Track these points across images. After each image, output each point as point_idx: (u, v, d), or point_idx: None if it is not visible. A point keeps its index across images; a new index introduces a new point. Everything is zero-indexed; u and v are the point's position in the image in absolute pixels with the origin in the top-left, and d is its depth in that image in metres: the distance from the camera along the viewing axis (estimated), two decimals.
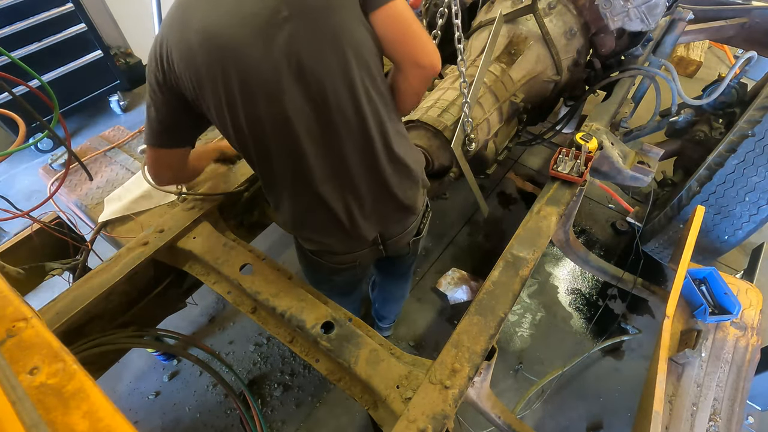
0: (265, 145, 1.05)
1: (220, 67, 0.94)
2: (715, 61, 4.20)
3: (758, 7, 2.26)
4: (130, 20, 3.64)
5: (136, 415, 2.04)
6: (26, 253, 1.52)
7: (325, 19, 0.95)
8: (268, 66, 0.94)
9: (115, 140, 1.86)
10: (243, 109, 0.98)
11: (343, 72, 0.98)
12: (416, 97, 1.17)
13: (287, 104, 0.98)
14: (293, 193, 1.13)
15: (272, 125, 1.00)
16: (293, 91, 0.97)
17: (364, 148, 1.08)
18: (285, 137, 1.02)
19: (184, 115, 1.06)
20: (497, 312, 1.21)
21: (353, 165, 1.09)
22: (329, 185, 1.10)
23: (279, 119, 0.99)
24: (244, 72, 0.94)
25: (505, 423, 1.26)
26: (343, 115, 1.02)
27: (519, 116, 1.94)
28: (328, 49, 0.96)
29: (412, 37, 1.03)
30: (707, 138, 2.19)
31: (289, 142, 1.03)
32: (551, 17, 1.83)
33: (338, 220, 1.15)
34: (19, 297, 0.67)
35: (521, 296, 2.42)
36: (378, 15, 1.00)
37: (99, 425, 0.54)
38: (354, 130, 1.04)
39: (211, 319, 2.37)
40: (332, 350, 1.13)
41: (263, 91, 0.96)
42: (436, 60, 1.06)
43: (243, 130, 1.02)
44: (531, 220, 1.49)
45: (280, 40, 0.93)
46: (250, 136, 1.03)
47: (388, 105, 1.10)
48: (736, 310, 1.41)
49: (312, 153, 1.04)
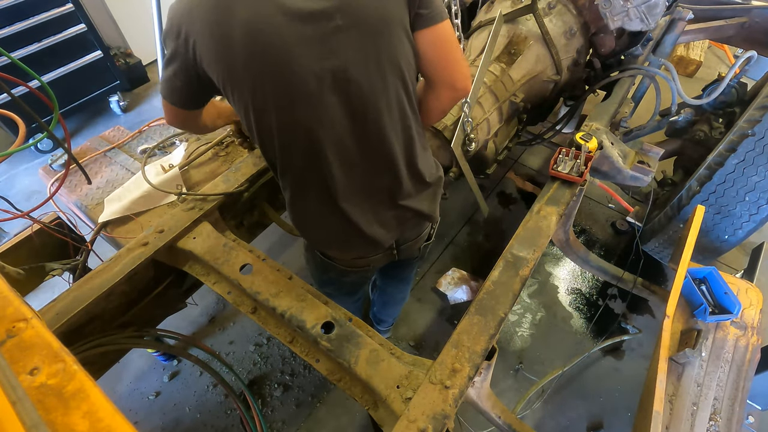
0: (291, 151, 1.03)
1: (259, 67, 0.90)
2: (715, 61, 4.20)
3: (758, 6, 2.26)
4: (130, 20, 3.64)
5: (136, 416, 2.04)
6: (26, 254, 1.52)
7: (378, 34, 0.93)
8: (313, 75, 0.91)
9: (114, 141, 1.86)
10: (275, 112, 0.96)
11: (385, 88, 0.97)
12: (442, 115, 1.18)
13: (324, 115, 0.96)
14: (313, 199, 1.12)
15: (304, 133, 0.99)
16: (333, 102, 0.95)
17: (391, 164, 1.07)
18: (315, 147, 1.00)
19: (202, 88, 1.03)
20: (497, 312, 1.21)
21: (377, 178, 1.09)
22: (352, 196, 1.09)
23: (312, 128, 0.98)
24: (285, 76, 0.91)
25: (505, 423, 1.26)
26: (378, 130, 1.01)
27: (519, 116, 1.94)
28: (375, 64, 0.95)
29: (454, 61, 1.04)
30: (707, 137, 2.19)
31: (319, 152, 1.01)
32: (551, 17, 1.83)
33: (357, 229, 1.14)
34: (19, 297, 0.67)
35: (521, 296, 2.42)
36: (425, 34, 0.99)
37: (99, 425, 0.54)
38: (385, 144, 1.04)
39: (211, 319, 2.37)
40: (332, 350, 1.13)
41: (302, 99, 0.94)
42: (469, 84, 1.09)
43: (271, 131, 1.00)
44: (531, 219, 1.49)
45: (329, 49, 0.90)
46: (277, 138, 1.01)
47: (418, 121, 1.11)
48: (736, 310, 1.41)
49: (338, 165, 1.03)
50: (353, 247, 1.24)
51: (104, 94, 3.44)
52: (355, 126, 1.00)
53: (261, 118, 0.99)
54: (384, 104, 0.99)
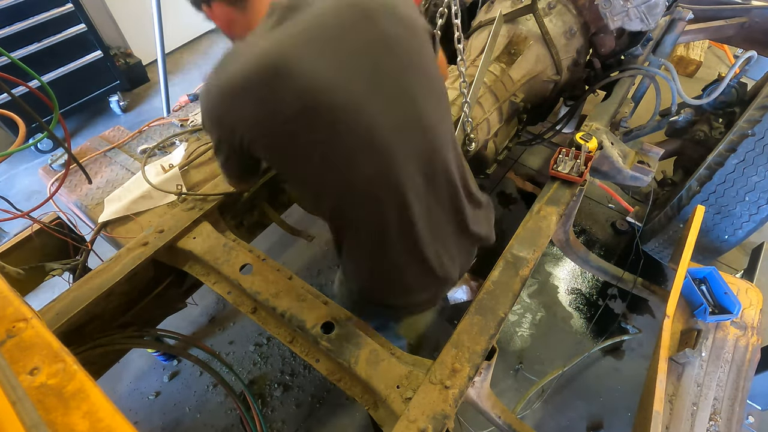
0: (360, 210, 0.97)
1: (325, 132, 0.83)
2: (715, 61, 4.20)
3: (758, 6, 2.26)
4: (130, 20, 3.64)
5: (136, 416, 2.04)
6: (26, 254, 1.52)
7: (430, 68, 0.92)
8: (388, 125, 0.86)
9: (114, 140, 1.86)
10: (347, 172, 0.89)
11: (444, 121, 0.96)
12: None
13: (401, 164, 0.90)
14: (395, 251, 1.04)
15: (382, 188, 0.92)
16: (408, 149, 0.90)
17: (453, 195, 1.05)
18: (393, 198, 0.94)
19: (260, 162, 1.02)
20: (497, 312, 1.21)
21: (445, 214, 1.06)
22: (427, 238, 1.03)
23: (390, 180, 0.91)
24: (357, 135, 0.85)
25: (505, 423, 1.26)
26: (444, 167, 0.98)
27: (519, 116, 1.94)
28: (436, 100, 0.93)
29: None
30: (707, 137, 2.19)
31: (398, 202, 0.94)
32: (551, 17, 1.83)
33: (431, 271, 1.09)
34: (19, 297, 0.67)
35: (521, 296, 2.42)
36: (438, 61, 1.02)
37: (99, 425, 0.54)
38: (450, 179, 1.01)
39: (211, 319, 2.37)
40: (332, 350, 1.13)
41: (378, 153, 0.88)
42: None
43: (331, 195, 0.95)
44: (531, 220, 1.49)
45: (397, 94, 0.86)
46: (346, 198, 0.95)
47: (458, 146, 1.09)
48: (736, 310, 1.41)
49: (416, 211, 0.97)
50: (427, 291, 1.18)
51: (104, 94, 3.44)
52: (426, 170, 0.95)
53: (324, 188, 0.94)
54: (446, 140, 0.97)
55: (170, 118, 1.93)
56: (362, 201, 0.95)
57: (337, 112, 0.82)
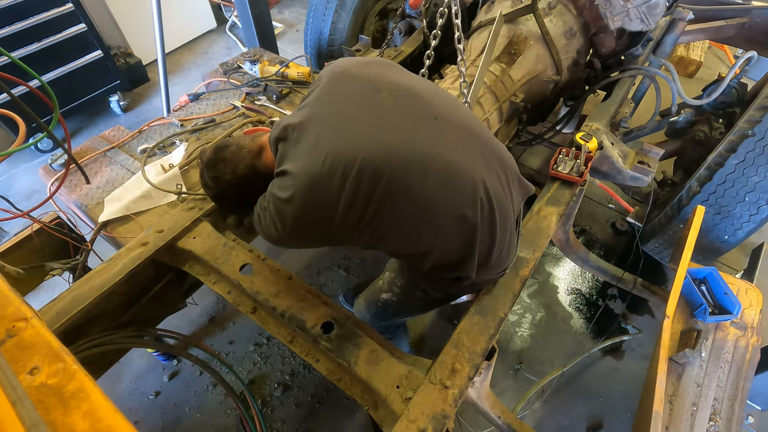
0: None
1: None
2: (715, 61, 4.20)
3: (758, 7, 2.25)
4: (130, 20, 3.63)
5: (136, 415, 2.03)
6: (26, 253, 1.52)
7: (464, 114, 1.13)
8: (470, 182, 1.02)
9: (114, 140, 1.86)
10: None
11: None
12: None
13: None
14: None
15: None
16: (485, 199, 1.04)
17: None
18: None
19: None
20: (497, 312, 1.21)
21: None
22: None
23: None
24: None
25: (505, 423, 1.26)
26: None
27: (519, 116, 1.94)
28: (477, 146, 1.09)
29: None
30: (707, 138, 2.19)
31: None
32: (551, 17, 1.83)
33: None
34: (19, 297, 0.67)
35: (521, 296, 2.42)
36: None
37: (99, 425, 0.54)
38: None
39: (211, 319, 2.37)
40: (332, 350, 1.13)
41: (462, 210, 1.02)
42: None
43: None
44: (531, 220, 1.49)
45: (471, 151, 1.04)
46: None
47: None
48: (736, 310, 1.41)
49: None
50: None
51: (104, 93, 3.44)
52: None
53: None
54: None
55: (170, 118, 1.93)
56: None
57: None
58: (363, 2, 2.49)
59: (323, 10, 2.55)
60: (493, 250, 1.11)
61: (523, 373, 2.15)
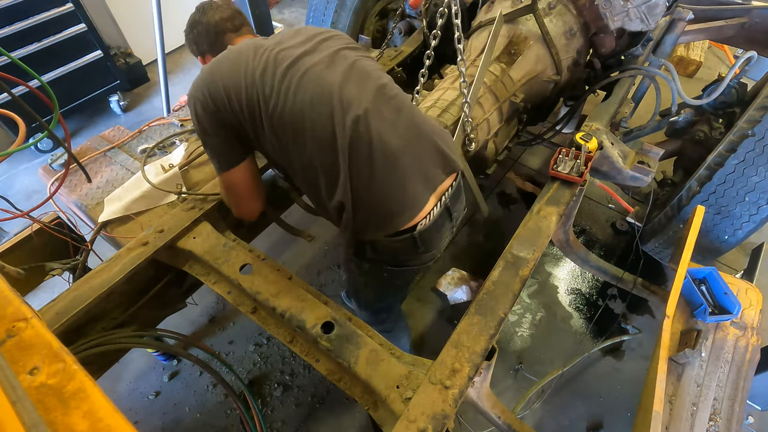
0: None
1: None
2: (715, 61, 4.20)
3: (758, 7, 2.25)
4: (130, 20, 3.63)
5: (136, 415, 2.03)
6: (26, 253, 1.52)
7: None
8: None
9: (114, 140, 1.86)
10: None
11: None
12: None
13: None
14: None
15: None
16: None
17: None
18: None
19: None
20: (497, 312, 1.21)
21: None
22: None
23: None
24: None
25: (505, 423, 1.26)
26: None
27: (519, 116, 1.94)
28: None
29: None
30: (707, 138, 2.19)
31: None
32: (551, 17, 1.83)
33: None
34: (19, 297, 0.67)
35: (521, 296, 2.42)
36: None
37: (99, 425, 0.54)
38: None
39: (211, 319, 2.37)
40: (332, 350, 1.13)
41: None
42: None
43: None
44: (531, 220, 1.49)
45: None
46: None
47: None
48: (736, 310, 1.41)
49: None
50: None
51: (104, 93, 3.44)
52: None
53: None
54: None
55: (170, 117, 1.93)
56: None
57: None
58: (363, 2, 2.49)
59: (323, 10, 2.55)
60: (372, 189, 1.15)
61: (523, 373, 2.15)
